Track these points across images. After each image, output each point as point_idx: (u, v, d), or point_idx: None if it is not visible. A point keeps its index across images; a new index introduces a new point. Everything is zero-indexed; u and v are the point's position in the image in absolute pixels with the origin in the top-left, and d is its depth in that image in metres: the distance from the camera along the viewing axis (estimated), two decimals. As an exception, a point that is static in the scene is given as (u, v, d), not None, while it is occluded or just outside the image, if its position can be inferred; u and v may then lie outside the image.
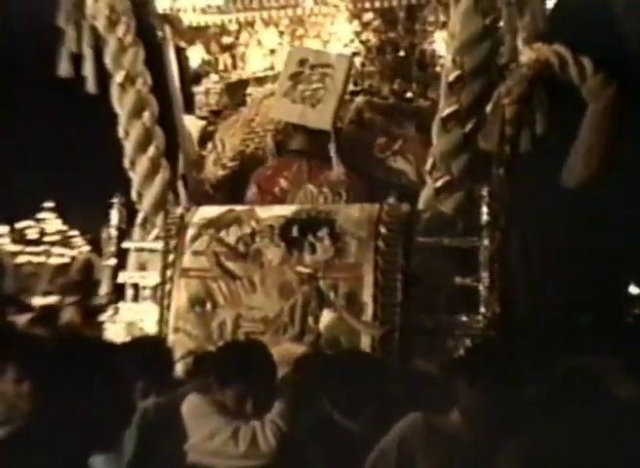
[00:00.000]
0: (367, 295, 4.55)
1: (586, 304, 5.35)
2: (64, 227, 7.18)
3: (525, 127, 6.48)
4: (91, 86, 5.45)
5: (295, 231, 4.70)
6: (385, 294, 4.56)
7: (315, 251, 4.64)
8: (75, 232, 7.17)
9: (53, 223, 7.39)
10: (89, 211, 5.99)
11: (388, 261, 4.58)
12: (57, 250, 7.23)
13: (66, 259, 7.21)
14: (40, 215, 7.54)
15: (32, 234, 7.37)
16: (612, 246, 6.37)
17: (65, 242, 7.29)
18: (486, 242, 4.74)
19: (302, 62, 5.22)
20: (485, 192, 4.79)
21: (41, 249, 7.31)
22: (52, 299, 6.77)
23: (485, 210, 4.78)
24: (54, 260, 7.19)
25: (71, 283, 6.83)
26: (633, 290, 8.29)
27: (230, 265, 4.77)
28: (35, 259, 7.20)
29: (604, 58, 6.27)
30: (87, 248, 7.17)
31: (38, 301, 6.78)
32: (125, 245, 5.47)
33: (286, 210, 4.82)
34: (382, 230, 4.63)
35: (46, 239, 7.45)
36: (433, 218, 4.87)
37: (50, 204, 7.52)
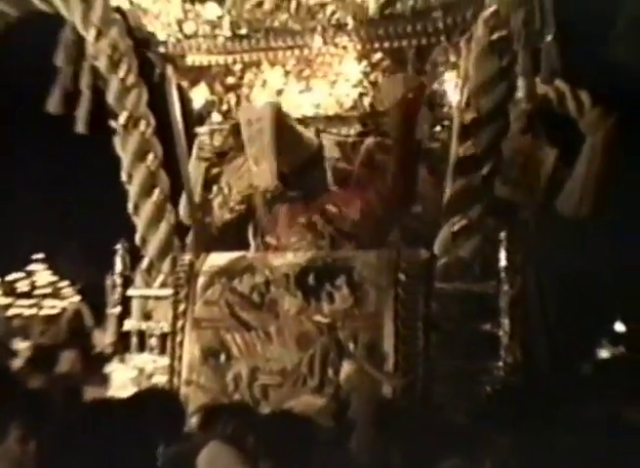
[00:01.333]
0: (388, 345, 4.47)
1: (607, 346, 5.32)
2: (55, 278, 7.06)
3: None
4: (81, 126, 5.33)
5: (311, 280, 4.62)
6: (407, 343, 4.50)
7: (333, 300, 4.56)
8: (65, 283, 7.04)
9: (43, 275, 7.26)
10: (90, 257, 5.85)
11: (409, 309, 4.52)
12: (48, 302, 7.11)
13: (57, 310, 7.09)
14: (30, 267, 7.41)
15: (23, 287, 7.25)
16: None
17: (56, 293, 7.17)
18: (505, 287, 4.67)
19: (248, 122, 5.09)
20: (503, 236, 4.73)
21: (32, 302, 7.18)
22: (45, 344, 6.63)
23: (503, 254, 4.71)
24: (44, 312, 7.07)
25: (61, 334, 6.71)
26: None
27: (245, 315, 4.67)
28: (26, 312, 7.07)
29: (602, 90, 6.29)
30: (77, 297, 7.05)
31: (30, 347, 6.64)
32: (130, 292, 5.33)
33: (300, 257, 4.72)
34: (402, 277, 4.55)
35: (37, 292, 7.33)
36: (451, 263, 4.79)
37: (40, 255, 7.39)
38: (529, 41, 4.67)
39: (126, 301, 5.38)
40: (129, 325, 5.31)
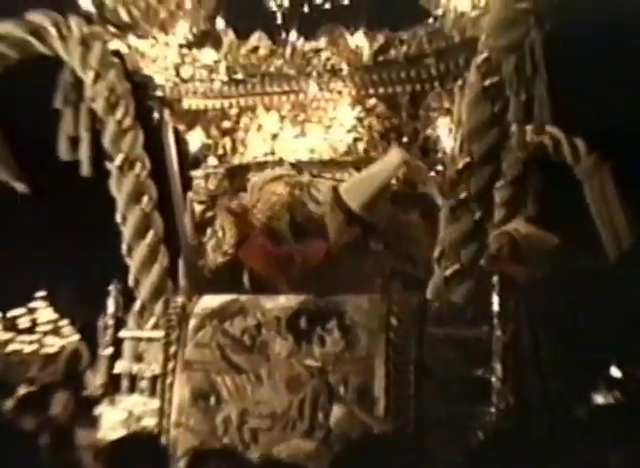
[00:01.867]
0: (379, 389, 4.45)
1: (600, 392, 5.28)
2: (56, 316, 7.07)
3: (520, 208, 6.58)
4: (86, 169, 5.35)
5: (303, 323, 4.61)
6: (398, 388, 4.47)
7: (324, 343, 4.55)
8: (65, 321, 7.05)
9: (45, 313, 7.25)
10: (84, 297, 5.86)
11: (400, 354, 4.50)
12: (48, 340, 7.10)
13: (56, 349, 7.08)
14: (32, 304, 7.41)
15: (24, 323, 7.24)
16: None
17: (57, 331, 7.17)
18: (498, 332, 4.65)
19: None
20: (495, 280, 4.73)
21: (32, 338, 7.17)
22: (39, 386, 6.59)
23: (496, 299, 4.70)
24: (44, 350, 7.06)
25: (59, 372, 6.68)
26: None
27: (235, 358, 4.65)
28: (26, 349, 7.06)
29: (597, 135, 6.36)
30: (76, 336, 7.04)
31: (24, 388, 6.60)
32: (122, 334, 5.31)
33: (292, 300, 4.71)
34: (394, 322, 4.55)
35: (38, 329, 7.32)
36: (443, 308, 4.77)
37: (42, 293, 7.40)
38: (520, 88, 4.73)
39: (118, 343, 5.36)
40: (120, 367, 5.28)
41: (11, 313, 7.69)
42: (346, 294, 4.78)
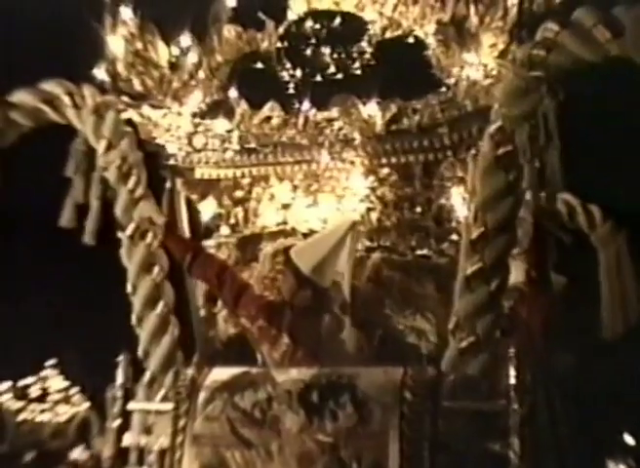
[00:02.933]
0: (393, 465, 4.30)
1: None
2: (66, 384, 7.02)
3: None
4: (90, 237, 5.32)
5: (314, 397, 4.49)
6: (412, 464, 4.32)
7: (337, 418, 4.41)
8: (76, 389, 6.99)
9: (55, 381, 7.19)
10: (93, 367, 5.79)
11: (414, 429, 4.36)
12: (59, 408, 7.03)
13: (66, 417, 7.00)
14: (43, 373, 7.36)
15: (35, 392, 7.18)
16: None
17: (67, 399, 7.10)
18: (515, 406, 4.52)
19: None
20: (512, 353, 4.62)
21: (44, 407, 7.11)
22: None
23: (512, 371, 4.59)
24: (55, 419, 6.99)
25: (69, 440, 6.60)
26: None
27: (246, 433, 4.52)
28: (38, 418, 7.00)
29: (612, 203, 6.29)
30: (86, 404, 6.97)
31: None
32: (131, 406, 5.21)
33: (304, 373, 4.60)
34: (408, 396, 4.42)
35: (49, 398, 7.26)
36: (458, 381, 4.67)
37: (53, 361, 7.35)
38: (534, 156, 4.69)
39: (126, 414, 5.26)
40: (128, 439, 5.17)
41: (22, 382, 7.63)
42: (359, 367, 4.68)
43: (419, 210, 5.35)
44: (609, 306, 5.64)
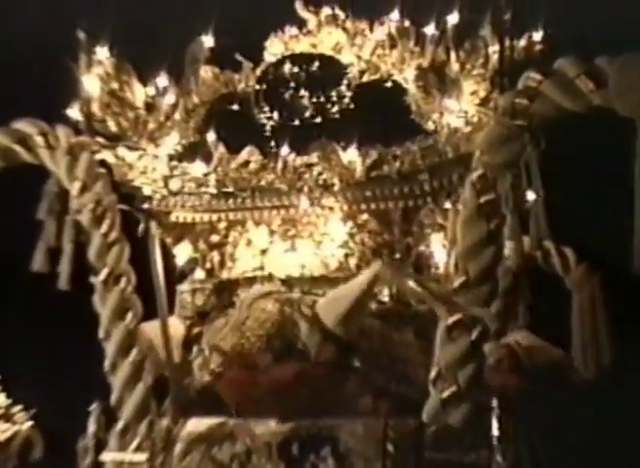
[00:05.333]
0: (376, 520, 4.24)
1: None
2: (8, 402, 6.79)
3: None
4: (63, 283, 5.18)
5: (295, 450, 4.41)
6: (395, 518, 4.26)
7: (318, 471, 4.34)
8: (18, 407, 6.77)
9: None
10: (64, 416, 5.64)
11: (397, 482, 4.30)
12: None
13: (8, 435, 6.74)
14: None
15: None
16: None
17: (8, 417, 6.85)
18: (499, 457, 4.48)
19: None
20: (495, 403, 4.58)
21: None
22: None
23: (495, 423, 4.54)
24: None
25: (11, 459, 6.38)
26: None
27: (224, 486, 4.43)
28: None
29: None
30: (29, 423, 6.75)
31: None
32: (104, 457, 5.07)
33: (283, 425, 4.52)
34: (390, 448, 4.36)
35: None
36: (440, 432, 4.60)
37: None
38: (517, 205, 4.66)
39: (98, 466, 5.12)
40: (101, 492, 5.05)
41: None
42: (339, 419, 4.60)
43: (398, 256, 5.31)
44: (581, 350, 5.62)
